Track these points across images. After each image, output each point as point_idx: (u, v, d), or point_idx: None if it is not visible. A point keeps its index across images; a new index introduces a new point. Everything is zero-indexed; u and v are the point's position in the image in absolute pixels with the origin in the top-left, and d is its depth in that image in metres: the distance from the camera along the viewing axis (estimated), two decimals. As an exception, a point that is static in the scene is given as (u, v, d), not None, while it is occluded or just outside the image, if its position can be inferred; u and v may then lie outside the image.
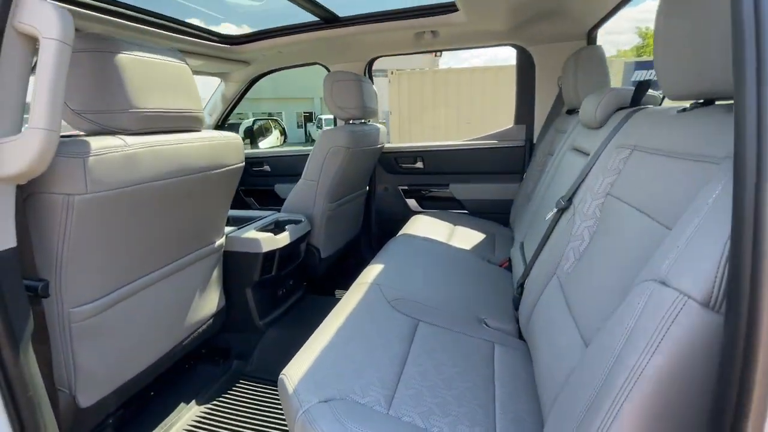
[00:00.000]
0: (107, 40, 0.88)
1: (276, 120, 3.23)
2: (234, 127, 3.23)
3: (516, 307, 1.23)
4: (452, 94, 9.23)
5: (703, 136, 0.62)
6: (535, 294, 1.06)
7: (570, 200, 1.06)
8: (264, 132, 3.23)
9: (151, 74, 0.95)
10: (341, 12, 1.87)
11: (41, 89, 0.63)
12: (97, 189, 0.82)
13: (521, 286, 1.21)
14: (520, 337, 1.17)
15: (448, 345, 1.06)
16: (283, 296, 1.80)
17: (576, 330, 0.77)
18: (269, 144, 3.15)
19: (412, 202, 2.48)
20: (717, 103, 0.71)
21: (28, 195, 0.78)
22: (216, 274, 1.42)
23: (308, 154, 2.53)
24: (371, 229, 2.57)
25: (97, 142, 0.82)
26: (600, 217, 0.93)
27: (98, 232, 0.88)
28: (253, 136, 3.07)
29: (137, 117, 0.91)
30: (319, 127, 17.97)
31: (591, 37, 1.82)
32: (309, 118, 22.43)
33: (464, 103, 9.18)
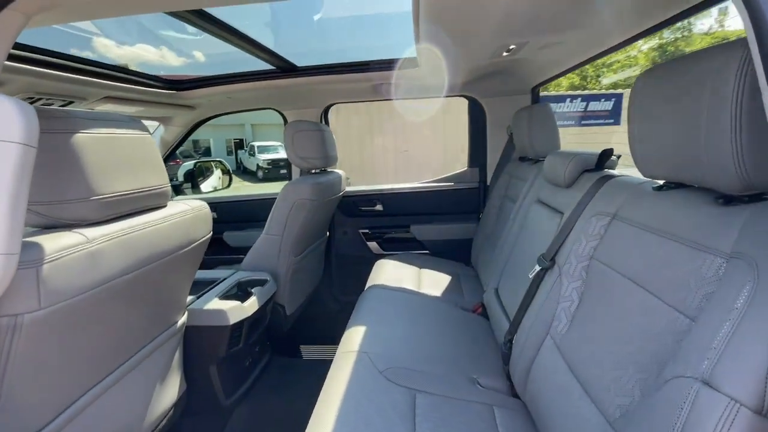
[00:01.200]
0: (60, 118, 0.75)
1: (219, 161, 3.03)
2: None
3: (505, 362, 1.25)
4: (387, 122, 9.53)
5: (696, 224, 0.69)
6: (528, 354, 1.08)
7: (553, 260, 1.12)
8: (205, 173, 3.02)
9: (113, 153, 0.82)
10: (299, 62, 1.84)
11: None
12: (53, 302, 0.67)
13: (509, 341, 1.23)
14: (512, 393, 1.19)
15: (450, 417, 1.03)
16: (249, 367, 1.64)
17: (590, 402, 0.79)
18: (212, 186, 2.94)
19: (373, 245, 2.45)
20: (688, 184, 0.80)
21: None
22: (177, 356, 1.25)
23: (259, 200, 2.40)
24: (333, 275, 2.48)
25: (51, 243, 0.68)
26: (586, 279, 0.99)
27: (49, 351, 0.71)
28: (194, 179, 2.84)
29: (99, 205, 0.78)
30: (252, 154, 17.34)
31: (534, 93, 2.02)
32: (240, 145, 21.61)
33: (399, 131, 9.52)
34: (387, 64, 1.81)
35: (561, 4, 0.99)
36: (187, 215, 1.03)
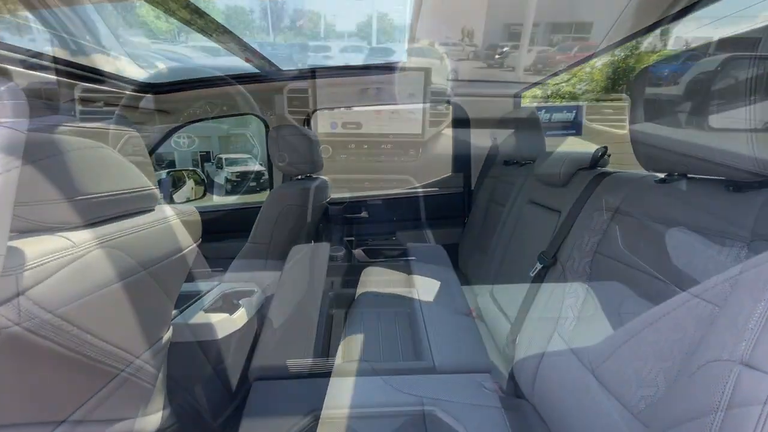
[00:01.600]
0: (40, 108, 0.67)
1: (193, 170, 2.90)
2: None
3: (509, 363, 1.23)
4: (362, 131, 9.52)
5: (709, 211, 0.71)
6: (535, 353, 1.07)
7: (554, 257, 1.13)
8: (177, 183, 2.88)
9: (98, 150, 0.75)
10: (284, 65, 1.80)
11: None
12: (34, 315, 0.58)
13: (512, 342, 1.22)
14: (517, 394, 1.17)
15: (460, 424, 1.00)
16: (237, 385, 1.53)
17: (610, 396, 0.78)
18: (184, 197, 2.80)
19: (359, 253, 2.41)
20: (690, 176, 0.83)
21: None
22: (161, 377, 1.14)
23: (236, 209, 2.30)
24: (319, 284, 2.40)
25: (33, 248, 0.59)
26: (591, 274, 0.99)
27: (26, 373, 0.62)
28: (166, 189, 2.70)
29: (84, 206, 0.70)
30: (220, 167, 16.87)
31: (517, 98, 2.07)
32: (206, 158, 20.98)
33: (374, 141, 9.54)
34: (374, 69, 1.80)
35: (557, 8, 1.02)
36: (177, 220, 0.95)
